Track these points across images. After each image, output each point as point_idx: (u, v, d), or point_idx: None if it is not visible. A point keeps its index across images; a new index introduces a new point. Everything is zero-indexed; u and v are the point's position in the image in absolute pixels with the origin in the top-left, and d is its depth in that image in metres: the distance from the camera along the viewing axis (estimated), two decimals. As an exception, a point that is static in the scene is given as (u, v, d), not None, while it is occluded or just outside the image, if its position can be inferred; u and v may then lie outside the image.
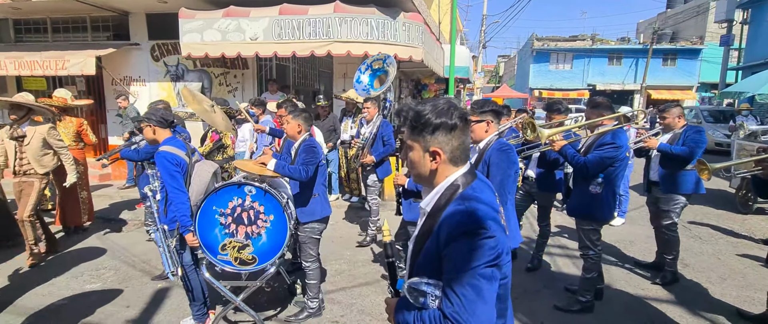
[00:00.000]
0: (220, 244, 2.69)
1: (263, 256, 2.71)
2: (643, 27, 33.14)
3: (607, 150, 2.91)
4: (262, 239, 2.70)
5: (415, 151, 1.22)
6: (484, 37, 24.08)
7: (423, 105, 1.20)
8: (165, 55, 7.90)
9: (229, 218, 2.68)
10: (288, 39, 6.17)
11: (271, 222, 2.69)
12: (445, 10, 12.36)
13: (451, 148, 1.18)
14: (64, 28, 8.29)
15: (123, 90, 7.87)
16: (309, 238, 2.97)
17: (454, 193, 1.17)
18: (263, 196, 2.68)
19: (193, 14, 6.44)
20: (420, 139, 1.19)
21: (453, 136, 1.18)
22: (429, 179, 1.24)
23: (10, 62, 7.33)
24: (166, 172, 2.59)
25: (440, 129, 1.16)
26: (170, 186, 2.59)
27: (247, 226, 2.69)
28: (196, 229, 2.66)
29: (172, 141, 2.75)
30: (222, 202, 2.67)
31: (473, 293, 1.06)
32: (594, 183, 2.99)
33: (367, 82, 4.85)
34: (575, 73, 28.58)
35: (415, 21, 6.44)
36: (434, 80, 13.46)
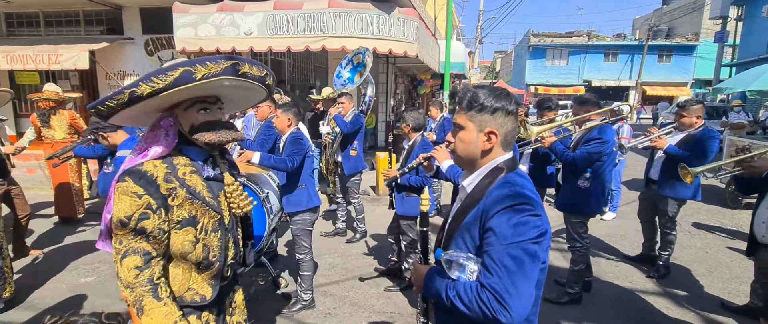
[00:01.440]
0: None
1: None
2: (639, 23, 33.24)
3: (593, 145, 2.98)
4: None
5: (468, 131, 1.25)
6: (480, 33, 24.08)
7: (482, 88, 1.25)
8: (159, 50, 7.87)
9: None
10: (283, 34, 6.16)
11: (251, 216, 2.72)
12: (441, 5, 12.35)
13: (505, 131, 1.23)
14: (56, 21, 8.23)
15: (117, 85, 7.84)
16: (300, 230, 2.99)
17: (498, 175, 1.21)
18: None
19: (187, 8, 6.41)
20: (476, 119, 1.23)
21: (508, 120, 1.23)
22: (474, 160, 1.27)
23: (2, 56, 7.28)
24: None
25: (499, 112, 1.21)
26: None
27: None
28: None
29: (130, 143, 2.79)
30: None
31: (515, 266, 1.05)
32: (582, 177, 3.05)
33: (348, 77, 4.84)
34: (571, 69, 28.66)
35: (410, 16, 6.44)
36: (430, 76, 13.49)
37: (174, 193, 1.31)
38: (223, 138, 1.37)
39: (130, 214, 1.25)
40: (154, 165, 1.31)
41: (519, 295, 1.04)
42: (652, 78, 26.55)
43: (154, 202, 1.27)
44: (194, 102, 1.36)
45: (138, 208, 1.26)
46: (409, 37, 6.46)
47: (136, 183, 1.26)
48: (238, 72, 1.27)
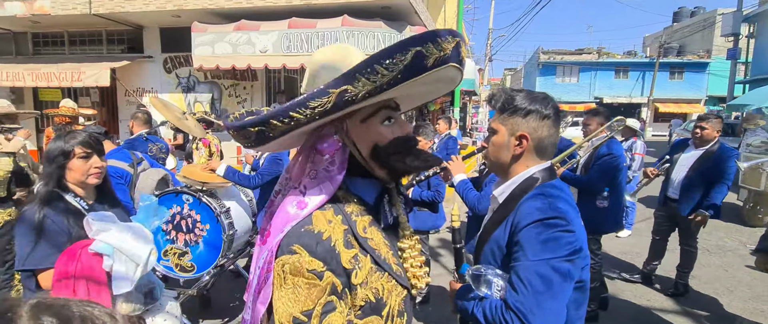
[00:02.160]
0: (163, 249, 2.76)
1: (201, 264, 2.74)
2: (650, 41, 33.20)
3: (606, 161, 2.96)
4: (200, 248, 2.73)
5: (500, 135, 1.18)
6: (490, 51, 24.29)
7: (518, 91, 1.19)
8: (177, 68, 8.12)
9: (169, 225, 2.73)
10: (297, 51, 6.33)
11: (207, 231, 2.71)
12: (451, 24, 12.55)
13: (539, 136, 1.14)
14: (80, 41, 8.57)
15: (136, 101, 8.07)
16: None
17: (531, 186, 1.13)
18: (199, 205, 2.70)
19: (205, 28, 6.64)
20: (508, 122, 1.16)
21: (543, 124, 1.14)
22: (505, 166, 1.19)
23: (28, 74, 7.59)
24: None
25: (532, 114, 1.13)
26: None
27: (186, 233, 2.73)
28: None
29: (114, 154, 2.82)
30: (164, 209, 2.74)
31: (542, 285, 0.98)
32: (600, 198, 3.02)
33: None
34: (582, 86, 28.62)
35: (421, 34, 6.57)
36: (440, 93, 13.61)
37: (357, 264, 0.79)
38: (428, 163, 0.88)
39: (310, 309, 0.75)
40: (327, 219, 0.80)
41: (544, 317, 0.97)
42: (665, 95, 26.34)
43: (338, 283, 0.77)
44: (379, 108, 0.84)
45: (320, 296, 0.75)
46: (420, 54, 6.57)
47: (313, 254, 0.76)
48: (460, 57, 0.78)
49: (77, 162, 1.57)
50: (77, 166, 1.57)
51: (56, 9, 7.09)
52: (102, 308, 0.40)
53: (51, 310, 0.38)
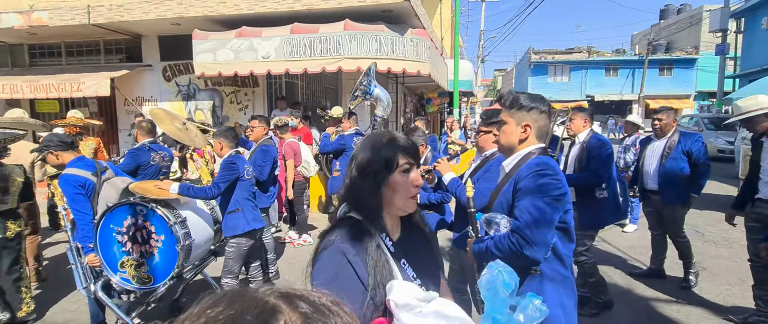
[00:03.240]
0: (119, 261, 2.75)
1: (158, 275, 2.74)
2: (638, 38, 33.72)
3: (603, 151, 3.09)
4: (156, 258, 2.73)
5: (509, 125, 1.61)
6: (482, 52, 24.50)
7: (522, 93, 1.63)
8: (177, 76, 8.08)
9: (125, 236, 2.73)
10: (299, 57, 6.34)
11: (162, 242, 2.71)
12: (447, 26, 12.65)
13: (539, 125, 1.58)
14: (77, 51, 8.50)
15: (136, 110, 8.02)
16: (232, 253, 2.95)
17: (529, 157, 1.56)
18: (153, 217, 2.70)
19: (206, 35, 6.63)
20: (516, 115, 1.60)
21: (541, 117, 1.59)
22: (513, 148, 1.61)
23: (26, 86, 7.50)
24: (67, 195, 2.72)
25: (534, 110, 1.58)
26: (72, 208, 2.71)
27: (142, 245, 2.73)
28: (97, 246, 2.72)
29: (77, 162, 2.82)
30: (118, 220, 2.73)
31: (538, 213, 1.38)
32: (599, 189, 3.11)
33: (376, 90, 4.91)
34: (573, 84, 28.96)
35: (422, 37, 6.63)
36: (437, 94, 13.69)
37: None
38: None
39: None
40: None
41: (541, 235, 1.38)
42: (655, 91, 26.74)
43: None
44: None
45: None
46: (422, 56, 6.62)
47: None
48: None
49: (399, 178, 1.04)
50: (400, 184, 1.04)
51: (54, 20, 7.03)
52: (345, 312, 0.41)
53: (303, 299, 0.40)
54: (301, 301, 0.40)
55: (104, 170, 2.94)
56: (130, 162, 3.74)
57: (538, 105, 1.56)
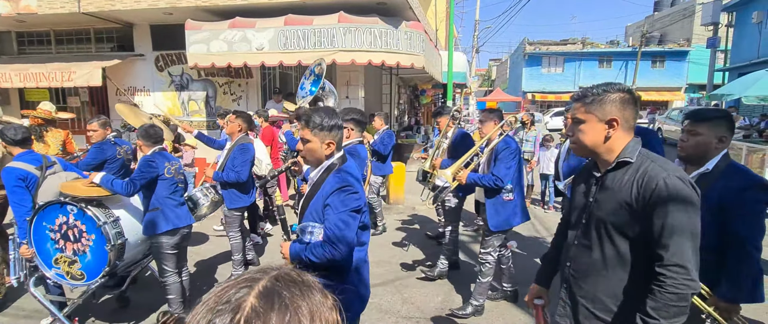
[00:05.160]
0: (53, 258, 2.82)
1: (90, 273, 2.80)
2: (632, 30, 33.84)
3: (505, 155, 3.06)
4: (88, 257, 2.78)
5: (313, 142, 1.82)
6: (477, 42, 24.46)
7: (319, 112, 1.80)
8: (169, 65, 8.01)
9: (57, 234, 2.78)
10: (294, 49, 6.34)
11: (93, 241, 2.77)
12: (441, 17, 12.62)
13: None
14: (67, 39, 8.38)
15: (127, 100, 7.96)
16: (158, 252, 2.97)
17: (332, 168, 1.79)
18: (83, 216, 2.73)
19: (199, 25, 6.58)
20: (319, 134, 1.79)
21: (340, 132, 1.85)
22: (320, 160, 1.85)
23: (15, 74, 7.40)
24: (7, 187, 2.80)
25: (334, 128, 1.82)
26: (10, 200, 2.81)
27: (74, 243, 2.78)
28: (31, 242, 2.80)
29: (24, 156, 2.88)
30: (50, 218, 2.78)
31: (343, 225, 1.68)
32: (505, 192, 3.12)
33: (310, 88, 4.84)
34: (567, 76, 29.09)
35: (416, 30, 6.64)
36: (431, 85, 13.71)
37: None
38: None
39: None
40: None
41: (345, 241, 1.68)
42: (647, 84, 26.99)
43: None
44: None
45: None
46: (416, 49, 6.65)
47: None
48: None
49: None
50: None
51: (43, 8, 6.92)
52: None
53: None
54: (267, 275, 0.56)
55: (51, 164, 2.97)
56: (95, 156, 3.74)
57: (336, 121, 1.79)
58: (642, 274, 1.31)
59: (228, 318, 0.51)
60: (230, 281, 0.57)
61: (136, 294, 3.58)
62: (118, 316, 3.29)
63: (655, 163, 1.32)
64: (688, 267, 1.21)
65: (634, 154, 1.36)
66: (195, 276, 3.87)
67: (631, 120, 1.38)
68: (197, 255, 4.54)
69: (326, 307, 0.57)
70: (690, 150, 1.89)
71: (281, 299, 0.53)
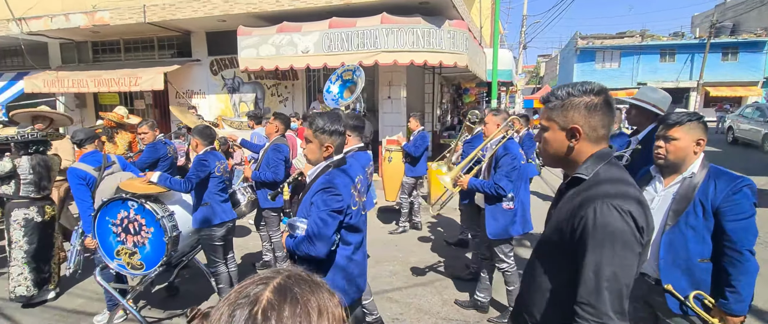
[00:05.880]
0: (115, 249, 3.05)
1: (149, 263, 3.02)
2: (699, 20, 31.06)
3: (505, 161, 2.89)
4: (147, 248, 3.01)
5: (314, 144, 1.94)
6: (524, 38, 23.61)
7: (321, 117, 1.92)
8: (222, 69, 8.51)
9: (119, 228, 3.02)
10: (337, 51, 6.49)
11: (152, 233, 2.99)
12: (486, 14, 12.33)
13: (338, 143, 1.94)
14: (134, 47, 9.15)
15: (186, 102, 8.55)
16: (206, 244, 3.20)
17: (326, 169, 1.90)
18: (143, 210, 2.96)
19: (250, 31, 6.92)
20: (320, 137, 1.91)
21: (340, 138, 1.97)
22: (318, 161, 1.97)
23: (91, 80, 8.21)
24: (72, 185, 3.10)
25: (335, 133, 1.92)
26: (75, 196, 3.10)
27: (134, 235, 3.01)
28: (95, 234, 3.05)
29: (86, 158, 3.18)
30: (112, 213, 3.02)
31: (322, 223, 1.78)
32: (506, 200, 2.96)
33: (337, 92, 4.88)
34: (623, 71, 27.26)
35: (460, 28, 6.55)
36: (475, 84, 13.44)
37: None
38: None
39: None
40: None
41: (322, 239, 1.79)
42: (717, 78, 24.65)
43: None
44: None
45: None
46: (459, 48, 6.56)
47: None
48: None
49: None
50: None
51: (114, 19, 7.61)
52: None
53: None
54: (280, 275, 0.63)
55: (109, 165, 3.28)
56: (150, 155, 4.10)
57: (337, 127, 1.89)
58: (566, 303, 1.15)
59: (247, 310, 0.57)
60: (248, 280, 0.64)
61: (184, 285, 3.85)
62: (167, 304, 3.54)
63: (601, 185, 1.13)
64: (599, 308, 1.06)
65: (591, 170, 1.17)
66: (242, 267, 4.09)
67: (601, 129, 1.19)
68: (244, 248, 4.80)
69: (333, 304, 0.63)
70: (670, 157, 1.78)
71: (293, 294, 0.60)
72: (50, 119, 4.61)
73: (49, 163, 3.48)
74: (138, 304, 3.50)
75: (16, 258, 3.39)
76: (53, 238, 3.59)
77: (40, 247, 3.44)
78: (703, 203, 1.69)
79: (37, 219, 3.40)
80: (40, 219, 3.41)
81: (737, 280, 1.64)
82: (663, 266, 1.77)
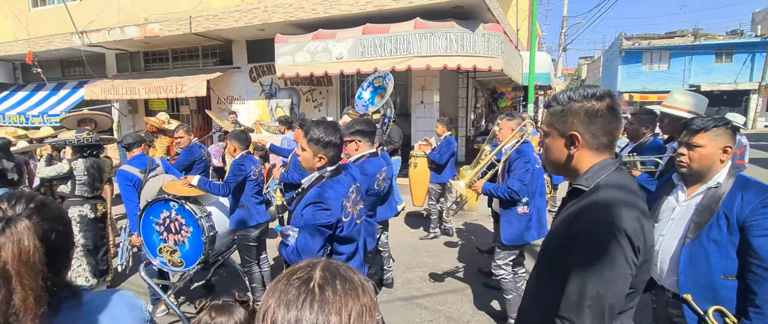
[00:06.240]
0: (158, 247, 3.23)
1: (188, 261, 3.18)
2: (761, 16, 28.70)
3: (518, 165, 2.82)
4: (186, 246, 3.16)
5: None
6: (564, 40, 22.80)
7: (317, 125, 1.94)
8: (260, 76, 8.83)
9: (161, 227, 3.19)
10: (370, 56, 6.56)
11: (191, 233, 3.14)
12: (523, 16, 12.04)
13: (330, 155, 1.94)
14: (181, 56, 9.69)
15: (226, 108, 8.94)
16: (241, 244, 3.32)
17: (321, 179, 1.91)
18: (183, 211, 3.11)
19: (286, 39, 7.14)
20: (313, 147, 1.93)
21: (333, 149, 1.94)
22: (312, 168, 1.99)
23: (142, 88, 8.77)
24: (120, 187, 3.33)
25: (330, 144, 1.93)
26: (122, 196, 3.33)
27: (175, 234, 3.17)
28: (140, 233, 3.25)
29: (133, 160, 3.42)
30: (156, 213, 3.20)
31: (309, 237, 1.79)
32: (520, 204, 2.90)
33: (368, 98, 4.89)
34: (673, 72, 25.65)
35: (495, 31, 6.43)
36: (511, 88, 13.12)
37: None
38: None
39: None
40: None
41: (308, 252, 1.79)
42: (781, 79, 22.64)
43: None
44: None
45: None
46: (494, 51, 6.44)
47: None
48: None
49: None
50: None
51: (164, 31, 8.11)
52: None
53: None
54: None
55: (154, 167, 3.52)
56: (186, 158, 4.32)
57: (331, 139, 1.87)
58: (547, 305, 1.13)
59: (303, 287, 0.67)
60: (292, 268, 0.73)
61: (220, 283, 4.00)
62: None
63: (599, 199, 1.06)
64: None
65: (591, 181, 1.10)
66: (274, 269, 4.20)
67: (603, 136, 1.12)
68: (276, 250, 4.92)
69: (370, 284, 0.72)
70: (694, 165, 1.65)
71: (340, 272, 0.71)
72: (95, 121, 4.96)
73: (102, 165, 3.76)
74: (178, 300, 3.67)
75: (74, 251, 3.67)
76: (105, 232, 3.86)
77: (94, 242, 3.71)
78: (727, 216, 1.55)
79: (90, 215, 3.67)
80: (92, 215, 3.68)
81: (763, 301, 1.49)
82: (683, 281, 1.64)
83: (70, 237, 0.88)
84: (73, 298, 0.86)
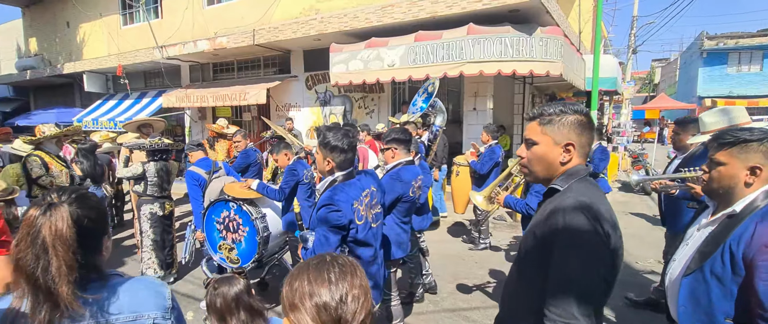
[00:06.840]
0: (218, 244, 3.43)
1: (244, 258, 3.35)
2: None
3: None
4: (243, 245, 3.34)
5: (318, 155, 2.03)
6: (634, 42, 21.12)
7: (329, 131, 2.00)
8: (316, 84, 9.16)
9: (222, 226, 3.38)
10: (422, 63, 6.54)
11: (247, 232, 3.30)
12: (587, 18, 11.36)
13: (339, 161, 1.99)
14: (245, 66, 10.36)
15: (285, 114, 9.38)
16: (293, 246, 3.40)
17: (333, 183, 1.98)
18: (241, 212, 3.28)
19: (341, 48, 7.35)
20: (322, 151, 2.01)
21: (342, 154, 1.99)
22: (324, 173, 2.09)
23: (211, 96, 9.48)
24: (188, 186, 3.61)
25: (336, 149, 1.96)
26: (189, 195, 3.60)
27: (232, 233, 3.34)
28: (203, 229, 3.48)
29: (200, 162, 3.64)
30: (217, 212, 3.40)
31: (324, 239, 1.87)
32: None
33: (421, 105, 4.76)
34: (767, 75, 22.71)
35: (554, 35, 6.12)
36: (573, 93, 12.39)
37: None
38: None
39: None
40: None
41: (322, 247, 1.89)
42: None
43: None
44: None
45: None
46: (552, 56, 6.12)
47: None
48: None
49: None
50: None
51: (230, 43, 8.73)
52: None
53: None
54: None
55: (217, 170, 3.79)
56: (243, 161, 4.61)
57: (337, 145, 1.91)
58: (541, 312, 1.17)
59: (333, 266, 0.90)
60: (310, 261, 0.93)
61: (273, 282, 4.15)
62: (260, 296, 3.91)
63: (573, 195, 1.18)
64: (566, 309, 1.09)
65: (566, 182, 1.24)
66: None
67: (587, 146, 1.28)
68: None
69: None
70: (713, 185, 1.43)
71: (352, 262, 0.94)
72: (151, 125, 5.40)
73: (170, 168, 4.11)
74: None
75: (145, 245, 4.03)
76: (171, 229, 4.20)
77: (161, 237, 4.05)
78: (733, 251, 1.29)
79: (159, 213, 4.01)
80: (161, 213, 4.02)
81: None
82: (682, 315, 1.45)
83: (101, 224, 1.05)
84: (101, 280, 1.03)
